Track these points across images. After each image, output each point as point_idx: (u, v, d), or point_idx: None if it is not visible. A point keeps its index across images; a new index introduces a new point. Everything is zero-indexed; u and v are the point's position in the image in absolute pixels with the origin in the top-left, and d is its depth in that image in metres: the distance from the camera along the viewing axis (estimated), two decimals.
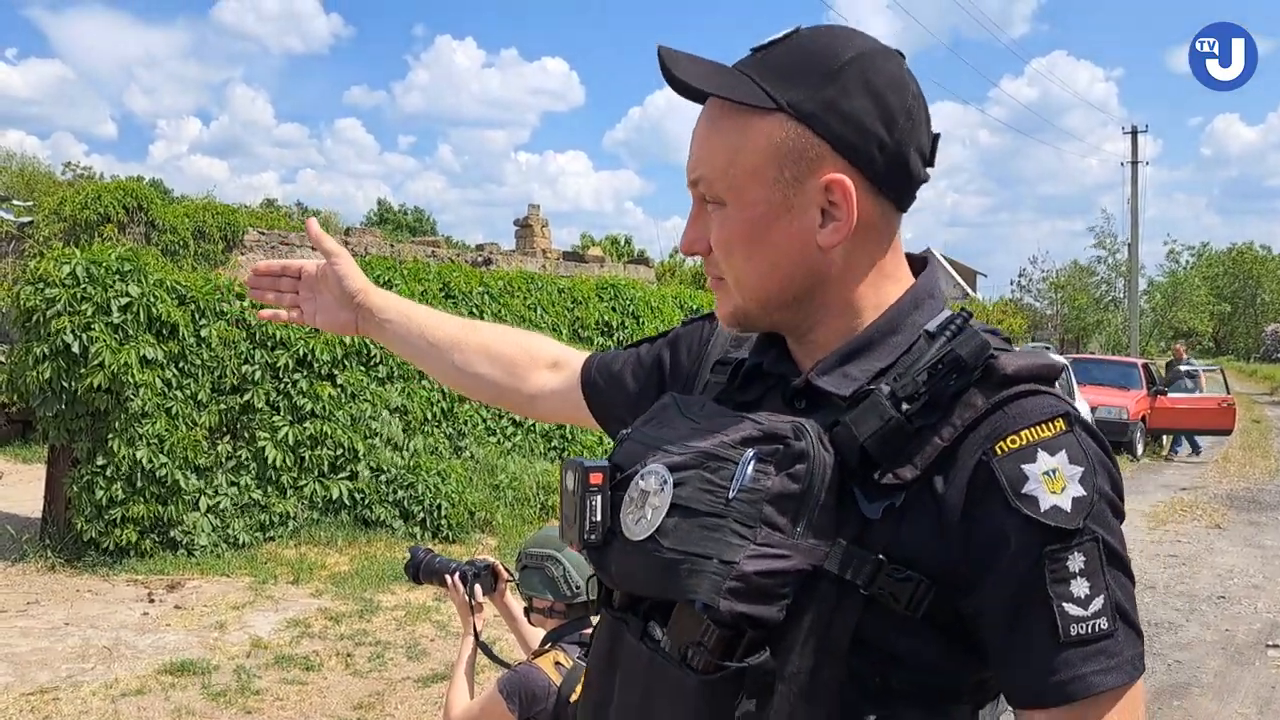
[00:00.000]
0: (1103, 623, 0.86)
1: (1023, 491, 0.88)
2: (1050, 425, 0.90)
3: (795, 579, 0.89)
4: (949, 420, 0.91)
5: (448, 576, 2.48)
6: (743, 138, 0.97)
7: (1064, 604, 0.86)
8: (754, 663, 0.90)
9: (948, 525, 0.90)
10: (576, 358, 1.42)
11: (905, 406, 0.92)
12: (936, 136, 1.02)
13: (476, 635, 2.48)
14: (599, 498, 1.00)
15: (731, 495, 0.90)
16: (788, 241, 0.98)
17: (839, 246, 0.98)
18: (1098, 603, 0.87)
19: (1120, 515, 0.92)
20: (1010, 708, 0.94)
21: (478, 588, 2.48)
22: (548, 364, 1.44)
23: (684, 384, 1.20)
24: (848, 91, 0.95)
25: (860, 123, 0.95)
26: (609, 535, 0.99)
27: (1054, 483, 0.88)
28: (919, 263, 1.08)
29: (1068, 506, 0.87)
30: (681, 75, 0.98)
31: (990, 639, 0.90)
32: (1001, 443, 0.89)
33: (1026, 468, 0.88)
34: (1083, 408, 12.27)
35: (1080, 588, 0.87)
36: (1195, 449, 16.59)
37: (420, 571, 2.53)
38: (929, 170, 1.01)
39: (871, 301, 1.01)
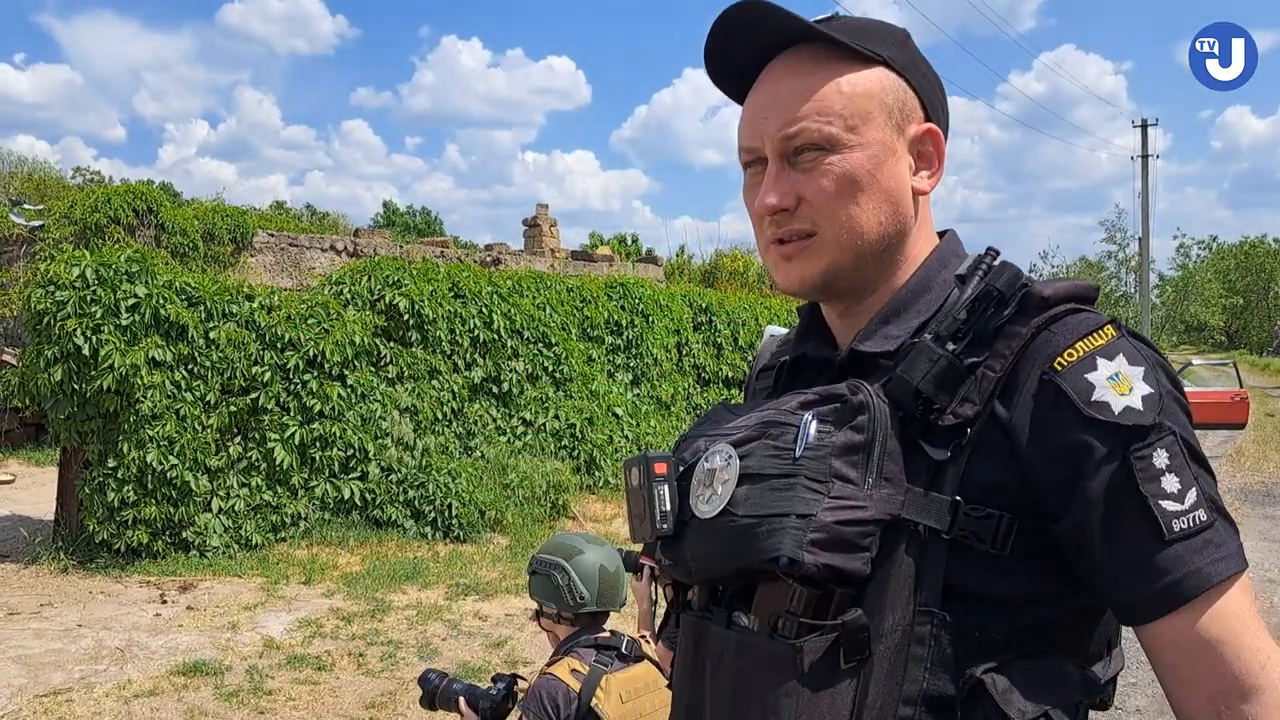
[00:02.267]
0: (1201, 514, 0.86)
1: (1093, 399, 0.87)
2: (1100, 334, 0.91)
3: (875, 528, 0.88)
4: (998, 352, 0.92)
5: (460, 700, 2.37)
6: (853, 84, 0.99)
7: (1161, 501, 0.86)
8: (848, 620, 0.88)
9: (1021, 451, 0.89)
10: None
11: (951, 346, 0.93)
12: None
13: None
14: (665, 487, 0.99)
15: (798, 454, 0.90)
16: (894, 183, 1.00)
17: (925, 196, 1.03)
18: (1192, 495, 0.86)
19: (1188, 413, 0.91)
20: (1133, 636, 0.92)
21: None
22: None
23: None
24: (914, 57, 1.03)
25: (932, 82, 1.04)
26: (680, 525, 0.98)
27: (1120, 385, 0.88)
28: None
29: (1139, 405, 0.87)
30: (786, 21, 0.99)
31: (1091, 557, 0.88)
32: (1059, 359, 0.89)
33: (1090, 376, 0.88)
34: None
35: (1171, 483, 0.86)
36: None
37: (435, 700, 2.43)
38: None
39: (915, 258, 1.04)
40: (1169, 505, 0.85)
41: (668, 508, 0.99)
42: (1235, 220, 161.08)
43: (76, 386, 7.00)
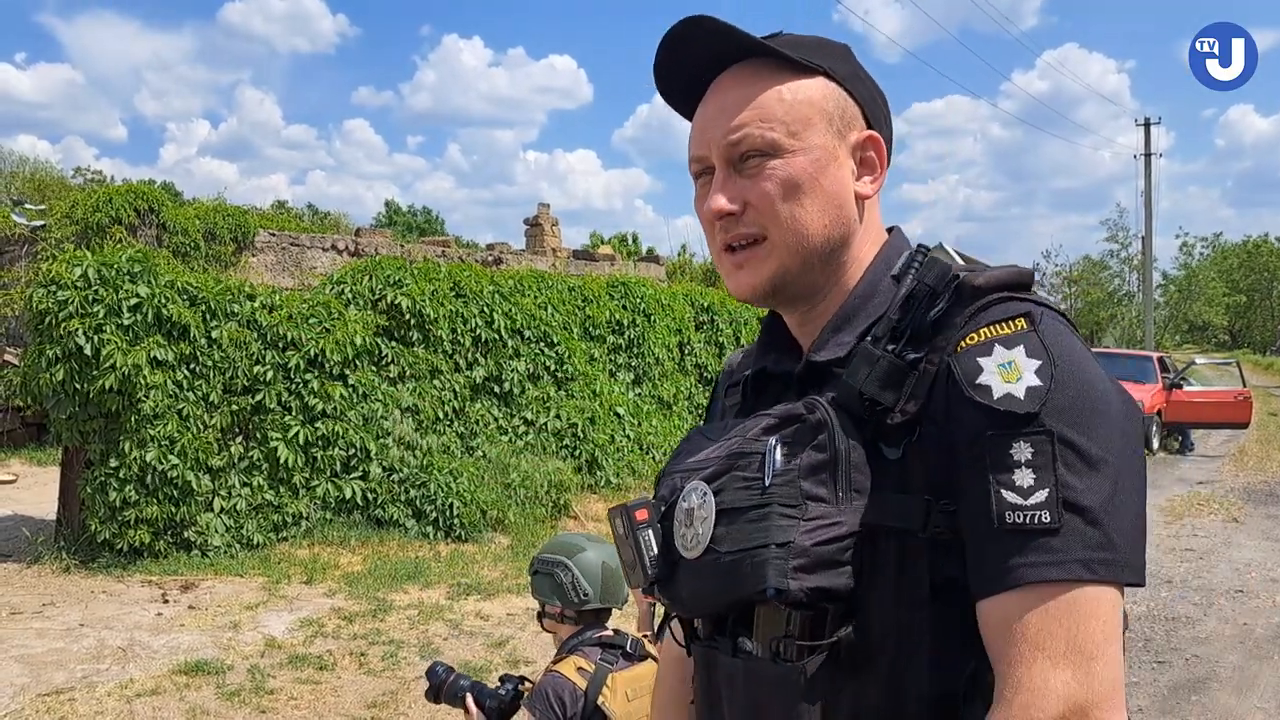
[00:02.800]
0: (1043, 515, 0.84)
1: (977, 381, 0.89)
2: (1011, 323, 0.91)
3: (852, 541, 0.90)
4: (937, 346, 0.94)
5: (468, 697, 2.37)
6: (794, 93, 1.03)
7: (1002, 491, 0.86)
8: (843, 635, 0.91)
9: (943, 438, 0.91)
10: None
11: (890, 346, 0.96)
12: None
13: None
14: (649, 532, 1.03)
15: (768, 483, 0.92)
16: (837, 187, 1.03)
17: (868, 200, 1.06)
18: (1040, 495, 0.85)
19: (1104, 414, 0.88)
20: None
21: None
22: None
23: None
24: (858, 69, 1.08)
25: (872, 91, 1.08)
26: (670, 565, 1.01)
27: (1009, 373, 0.89)
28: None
29: (1020, 394, 0.87)
30: (730, 37, 1.03)
31: (961, 528, 0.89)
32: (963, 341, 0.92)
33: (982, 360, 0.90)
34: None
35: (1023, 477, 0.86)
36: (1184, 446, 16.37)
37: (441, 694, 2.43)
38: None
39: (866, 259, 1.07)
40: (1009, 496, 0.85)
41: (655, 552, 1.02)
42: (1238, 219, 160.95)
43: (78, 386, 7.01)
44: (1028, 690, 0.83)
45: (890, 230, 1.11)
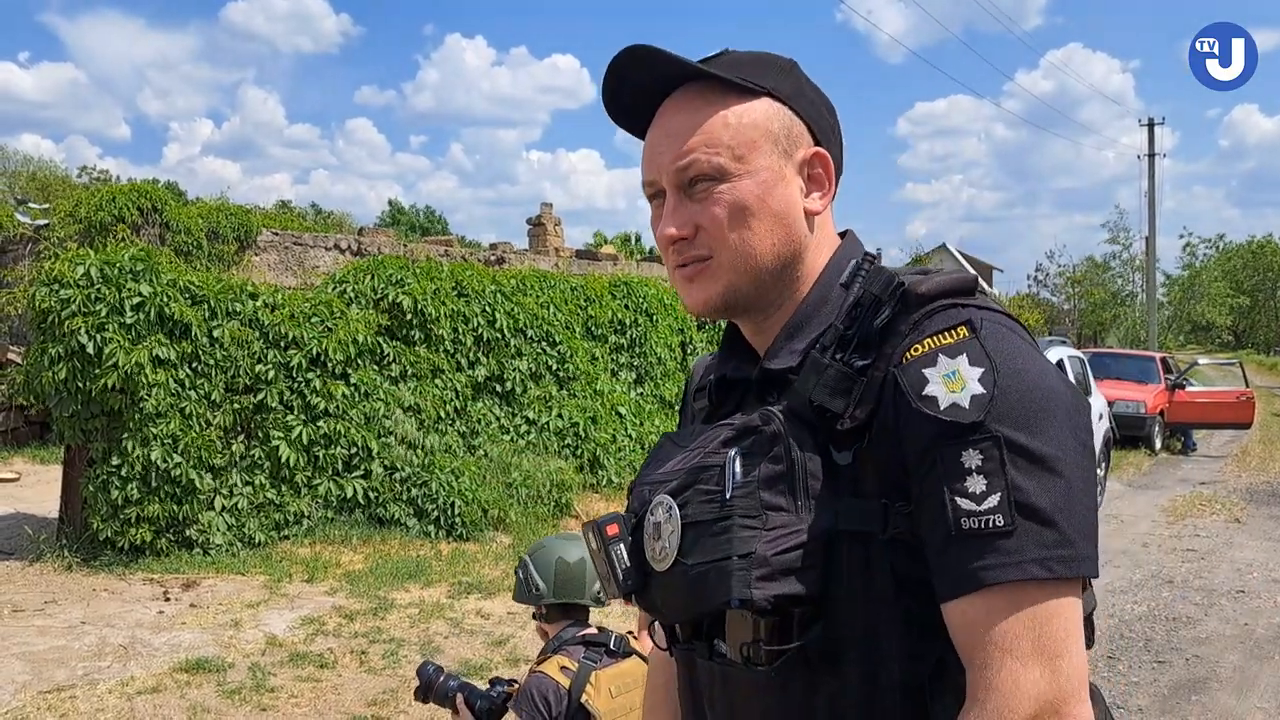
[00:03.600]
0: (997, 519, 0.87)
1: (923, 393, 0.91)
2: (953, 332, 0.94)
3: (815, 546, 0.93)
4: (884, 354, 0.97)
5: (458, 698, 2.37)
6: (739, 116, 1.05)
7: (956, 498, 0.88)
8: (810, 637, 0.94)
9: (889, 445, 0.94)
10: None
11: (838, 355, 0.98)
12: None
13: None
14: (620, 545, 1.06)
15: (729, 496, 0.95)
16: (784, 206, 1.05)
17: (819, 215, 1.08)
18: (993, 500, 0.87)
19: (1052, 413, 0.89)
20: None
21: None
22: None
23: None
24: (800, 84, 1.09)
25: (818, 107, 1.09)
26: (644, 576, 1.04)
27: (954, 383, 0.91)
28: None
29: (965, 403, 0.89)
30: (668, 63, 1.05)
31: (920, 537, 0.92)
32: (907, 354, 0.94)
33: (927, 371, 0.92)
34: (1100, 402, 12.18)
35: (975, 484, 0.88)
36: (1186, 447, 16.34)
37: (430, 694, 2.42)
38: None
39: (818, 269, 1.09)
40: (963, 504, 0.88)
41: (628, 564, 1.05)
42: (1243, 219, 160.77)
43: (81, 385, 7.02)
44: (999, 692, 0.85)
45: (844, 235, 1.13)
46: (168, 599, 6.53)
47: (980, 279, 1.06)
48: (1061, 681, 0.85)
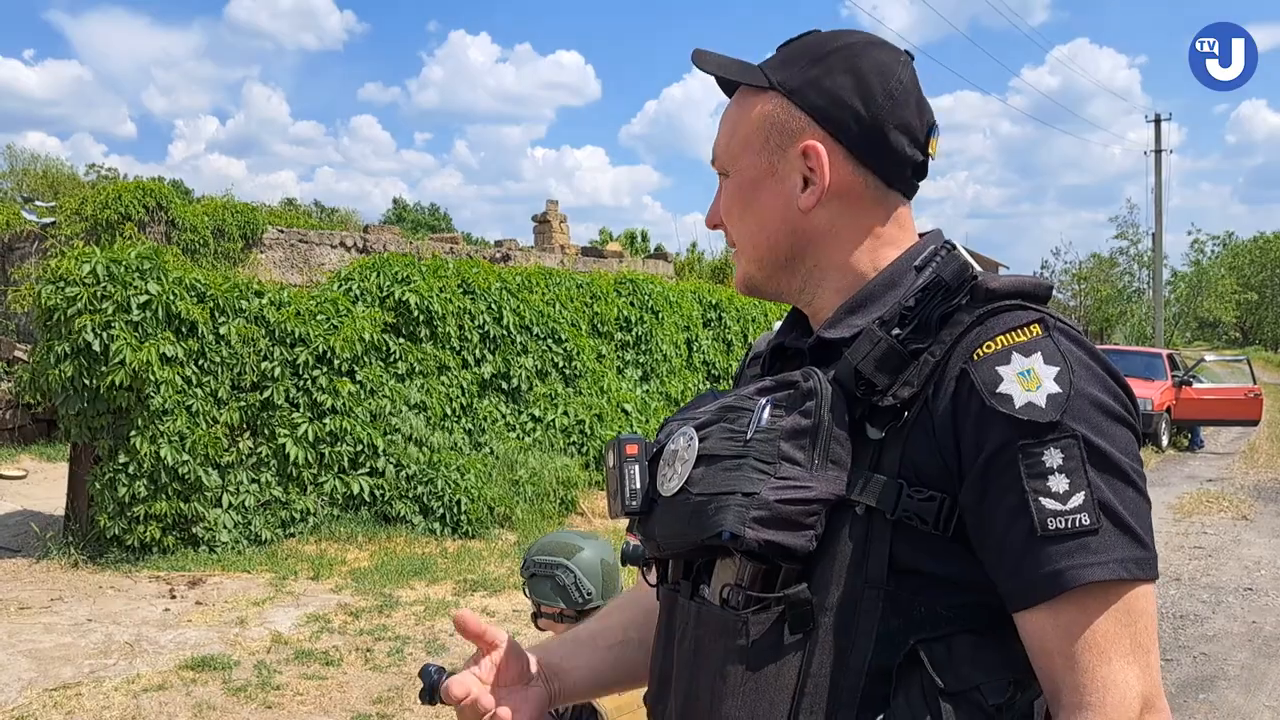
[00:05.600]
0: (1084, 518, 0.87)
1: (998, 391, 0.90)
2: (1024, 331, 0.93)
3: (819, 507, 0.93)
4: (941, 339, 0.96)
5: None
6: (742, 114, 1.09)
7: (1041, 498, 0.87)
8: (791, 593, 0.93)
9: (938, 435, 0.92)
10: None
11: (896, 331, 0.97)
12: (932, 128, 1.06)
13: None
14: (635, 467, 1.09)
15: (749, 436, 0.96)
16: (774, 204, 1.07)
17: (818, 209, 1.05)
18: (1078, 499, 0.87)
19: (1118, 418, 0.91)
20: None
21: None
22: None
23: None
24: (831, 71, 1.05)
25: (837, 96, 1.04)
26: (650, 503, 1.05)
27: (1029, 382, 0.90)
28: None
29: (1042, 403, 0.89)
30: (705, 66, 1.11)
31: (983, 542, 0.91)
32: (979, 350, 0.93)
33: (1001, 369, 0.91)
34: None
35: (1059, 483, 0.87)
36: (1194, 444, 16.28)
37: (436, 696, 2.38)
38: (927, 159, 1.07)
39: (870, 265, 1.06)
40: (1048, 504, 0.87)
41: (637, 485, 1.08)
42: (1250, 215, 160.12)
43: (87, 382, 7.04)
44: (1115, 689, 0.86)
45: (926, 234, 1.12)
46: (174, 596, 6.55)
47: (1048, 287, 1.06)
48: (1153, 676, 0.87)
